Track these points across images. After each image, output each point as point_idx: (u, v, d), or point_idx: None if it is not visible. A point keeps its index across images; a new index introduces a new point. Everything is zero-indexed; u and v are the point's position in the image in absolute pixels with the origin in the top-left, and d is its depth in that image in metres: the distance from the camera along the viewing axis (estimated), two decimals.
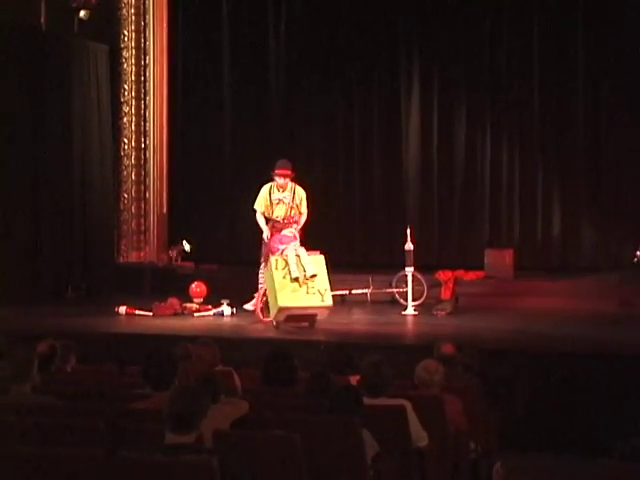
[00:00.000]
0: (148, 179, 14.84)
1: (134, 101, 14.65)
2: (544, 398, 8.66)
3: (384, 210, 14.91)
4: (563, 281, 13.00)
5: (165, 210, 15.06)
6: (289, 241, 10.72)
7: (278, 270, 10.42)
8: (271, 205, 10.98)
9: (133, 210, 14.74)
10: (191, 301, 12.03)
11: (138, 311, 11.69)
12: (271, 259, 10.56)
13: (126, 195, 14.69)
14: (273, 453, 5.09)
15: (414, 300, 11.76)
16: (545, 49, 14.16)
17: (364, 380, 6.12)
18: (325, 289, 10.45)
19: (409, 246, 11.77)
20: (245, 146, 15.26)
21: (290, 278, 10.38)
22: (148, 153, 14.81)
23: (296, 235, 10.86)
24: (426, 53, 14.64)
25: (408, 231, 11.81)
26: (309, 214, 11.15)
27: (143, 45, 14.67)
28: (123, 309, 11.72)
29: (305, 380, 6.35)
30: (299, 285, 10.39)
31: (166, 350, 6.21)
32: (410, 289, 11.73)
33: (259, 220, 11.02)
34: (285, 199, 10.97)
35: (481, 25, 14.40)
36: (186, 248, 14.28)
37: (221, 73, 15.34)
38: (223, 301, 11.66)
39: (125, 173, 14.67)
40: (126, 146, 14.63)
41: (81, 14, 13.37)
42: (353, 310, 11.82)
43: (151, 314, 11.61)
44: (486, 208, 14.55)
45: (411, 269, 11.74)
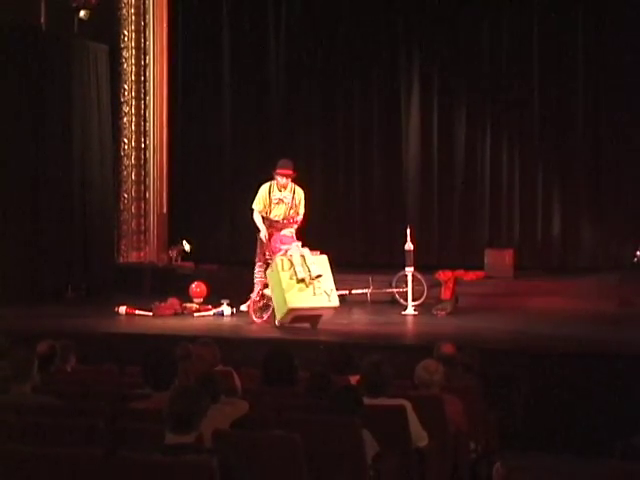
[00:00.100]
0: (148, 179, 14.84)
1: (134, 101, 14.66)
2: (544, 398, 8.66)
3: (384, 210, 14.92)
4: (563, 281, 13.01)
5: (165, 210, 15.06)
6: (290, 241, 10.67)
7: (285, 271, 10.27)
8: (270, 204, 10.89)
9: (133, 210, 14.75)
10: (191, 301, 12.03)
11: (138, 311, 11.69)
12: (276, 260, 10.42)
13: (126, 195, 14.69)
14: (273, 453, 5.09)
15: (414, 300, 11.76)
16: (545, 49, 14.17)
17: (364, 380, 6.11)
18: (331, 289, 10.38)
19: (409, 246, 11.77)
20: (245, 146, 15.27)
21: (296, 279, 10.26)
22: (148, 153, 14.81)
23: (293, 236, 10.83)
24: (426, 53, 14.65)
25: (408, 231, 11.81)
26: (307, 214, 11.13)
27: (143, 45, 14.68)
28: (123, 309, 11.72)
29: (305, 380, 6.34)
30: (305, 286, 10.26)
31: (166, 350, 6.20)
32: (410, 289, 11.73)
33: (256, 219, 10.92)
34: (285, 199, 10.90)
35: (481, 25, 14.41)
36: (186, 248, 14.28)
37: (221, 73, 15.35)
38: (223, 301, 11.66)
39: (125, 173, 14.67)
40: (126, 146, 14.64)
41: (81, 14, 13.38)
42: (353, 310, 11.81)
43: (151, 314, 11.61)
44: (486, 208, 14.56)
45: (411, 269, 11.74)
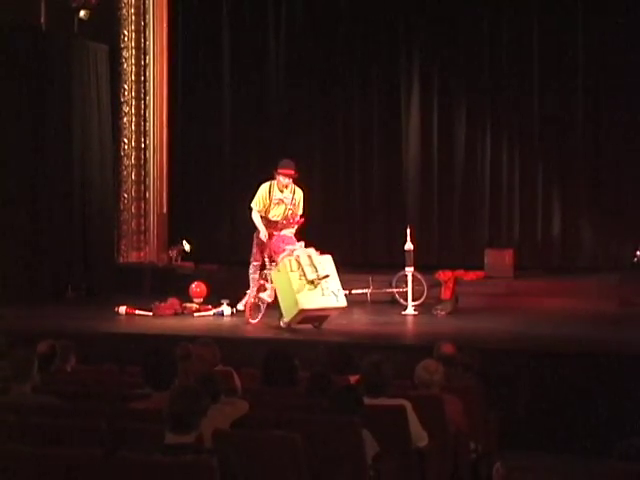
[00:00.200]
0: (148, 179, 14.84)
1: (134, 101, 14.66)
2: (544, 398, 8.66)
3: (384, 210, 14.91)
4: (563, 281, 13.00)
5: (165, 210, 15.06)
6: (292, 242, 10.62)
7: (293, 272, 10.17)
8: (270, 204, 10.82)
9: (133, 210, 14.75)
10: (191, 301, 12.03)
11: (138, 311, 11.69)
12: (284, 260, 10.31)
13: (126, 195, 14.69)
14: (273, 453, 5.10)
15: (414, 300, 11.76)
16: (545, 49, 14.16)
17: (364, 380, 6.11)
18: (338, 289, 10.32)
19: (409, 246, 11.77)
20: (245, 146, 15.27)
21: (306, 279, 10.15)
22: (148, 153, 14.82)
23: (293, 236, 10.80)
24: (426, 53, 14.64)
25: (408, 231, 11.81)
26: (307, 214, 11.11)
27: (143, 45, 14.69)
28: (123, 309, 11.73)
29: (305, 380, 6.34)
30: (314, 286, 10.19)
31: (166, 350, 6.20)
32: (410, 289, 11.73)
33: (255, 219, 10.82)
34: (286, 199, 10.83)
35: (481, 25, 14.40)
36: (186, 248, 14.28)
37: (221, 73, 15.35)
38: (223, 301, 11.66)
39: (125, 173, 14.68)
40: (126, 146, 14.64)
41: (81, 14, 13.38)
42: (353, 310, 11.81)
43: (151, 314, 11.61)
44: (486, 208, 14.55)
45: (411, 269, 11.74)
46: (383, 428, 5.63)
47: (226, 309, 11.59)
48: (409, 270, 11.74)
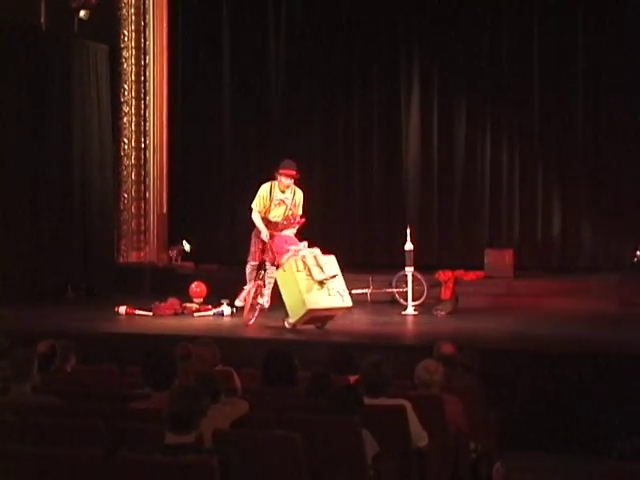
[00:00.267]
0: (148, 179, 14.85)
1: (134, 101, 14.66)
2: (544, 398, 8.66)
3: (384, 210, 14.91)
4: (563, 281, 12.99)
5: (165, 210, 15.06)
6: (295, 242, 10.54)
7: (300, 272, 10.11)
8: (270, 205, 10.73)
9: (133, 210, 14.75)
10: (191, 301, 12.04)
11: (138, 311, 11.70)
12: (289, 261, 10.24)
13: (126, 195, 14.70)
14: (273, 453, 5.09)
15: (414, 300, 11.76)
16: (545, 49, 14.16)
17: (364, 380, 6.11)
18: (343, 289, 10.30)
19: (409, 246, 11.77)
20: (245, 146, 15.27)
21: (313, 280, 10.09)
22: (148, 153, 14.82)
23: (294, 237, 10.76)
24: (426, 53, 14.64)
25: (408, 231, 11.81)
26: (307, 215, 11.06)
27: (143, 45, 14.69)
28: (123, 309, 11.73)
29: (305, 380, 6.34)
30: (321, 286, 10.14)
31: (166, 350, 6.20)
32: (410, 289, 11.73)
33: (256, 219, 10.72)
34: (287, 200, 10.75)
35: (481, 25, 14.40)
36: (186, 248, 14.29)
37: (221, 73, 15.35)
38: (223, 301, 11.66)
39: (125, 173, 14.68)
40: (126, 146, 14.64)
41: (81, 14, 13.39)
42: (353, 310, 11.80)
43: (151, 314, 11.62)
44: (486, 208, 14.55)
45: (411, 269, 11.75)
46: (383, 428, 5.63)
47: (226, 309, 11.59)
48: (409, 270, 11.74)
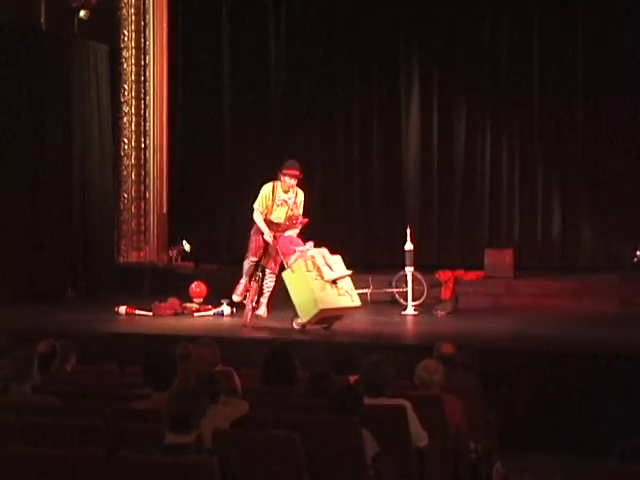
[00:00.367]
0: (148, 179, 14.85)
1: (134, 101, 14.67)
2: (544, 398, 8.65)
3: (384, 210, 14.91)
4: (563, 281, 12.99)
5: (165, 210, 15.06)
6: (299, 243, 10.45)
7: (310, 272, 10.07)
8: (273, 205, 10.61)
9: (133, 210, 14.75)
10: (191, 301, 12.03)
11: (138, 311, 11.70)
12: (299, 261, 10.16)
13: (126, 195, 14.70)
14: (273, 453, 5.09)
15: (414, 300, 11.76)
16: (545, 49, 14.16)
17: (364, 380, 6.11)
18: (351, 289, 10.27)
19: (409, 246, 11.77)
20: (245, 146, 15.26)
21: (323, 279, 10.05)
22: (148, 153, 14.82)
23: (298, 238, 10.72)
24: (426, 53, 14.64)
25: (408, 231, 11.81)
26: (307, 215, 11.04)
27: (143, 45, 14.69)
28: (123, 309, 11.73)
29: (305, 380, 6.34)
30: (332, 286, 10.10)
31: (166, 350, 6.20)
32: (410, 289, 11.73)
33: (258, 220, 10.60)
34: (289, 200, 10.62)
35: (481, 25, 14.40)
36: (186, 248, 14.29)
37: (221, 73, 15.34)
38: (223, 301, 11.65)
39: (125, 173, 14.68)
40: (126, 146, 14.65)
41: (81, 14, 13.39)
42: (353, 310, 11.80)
43: (151, 314, 11.62)
44: (486, 208, 14.55)
45: (411, 269, 11.75)
46: (383, 428, 5.63)
47: (226, 309, 11.60)
48: (409, 270, 11.74)
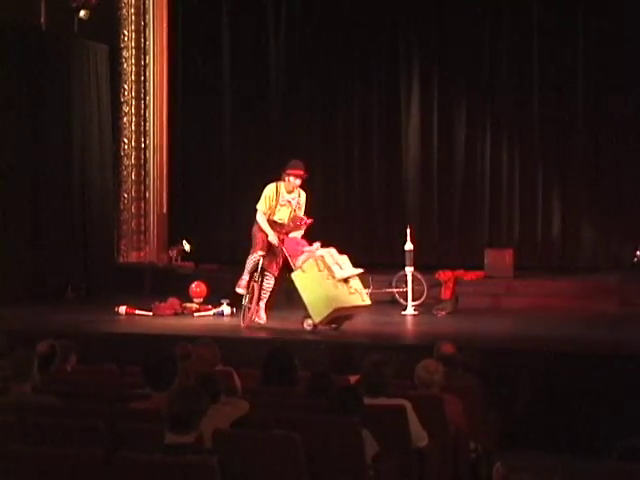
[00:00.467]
0: (148, 179, 14.85)
1: (134, 101, 14.67)
2: (544, 398, 8.65)
3: (384, 210, 14.91)
4: (563, 281, 12.98)
5: (165, 210, 15.07)
6: (306, 244, 10.40)
7: (322, 271, 10.05)
8: (276, 206, 10.48)
9: (133, 210, 14.76)
10: (191, 301, 12.03)
11: (138, 311, 11.70)
12: (310, 261, 10.11)
13: (126, 195, 14.70)
14: (273, 453, 5.09)
15: (414, 300, 11.76)
16: (545, 49, 14.15)
17: (364, 380, 6.11)
18: (361, 288, 10.28)
19: (409, 246, 11.77)
20: (245, 146, 15.26)
21: (334, 279, 10.03)
22: (148, 153, 14.82)
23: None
24: (426, 53, 14.64)
25: (408, 231, 11.82)
26: (306, 215, 11.02)
27: (143, 45, 14.70)
28: (123, 309, 11.73)
29: (305, 380, 6.34)
30: (343, 285, 10.09)
31: (166, 350, 6.21)
32: (410, 289, 11.73)
33: (262, 221, 10.44)
34: (293, 201, 10.52)
35: (481, 25, 14.40)
36: (186, 248, 14.29)
37: (221, 73, 15.34)
38: (223, 301, 11.66)
39: (125, 173, 14.68)
40: (126, 146, 14.65)
41: (81, 14, 13.39)
42: None
43: (151, 314, 11.62)
44: (486, 208, 14.55)
45: (411, 269, 11.75)
46: (383, 428, 5.63)
47: (226, 309, 11.60)
48: (409, 270, 11.74)
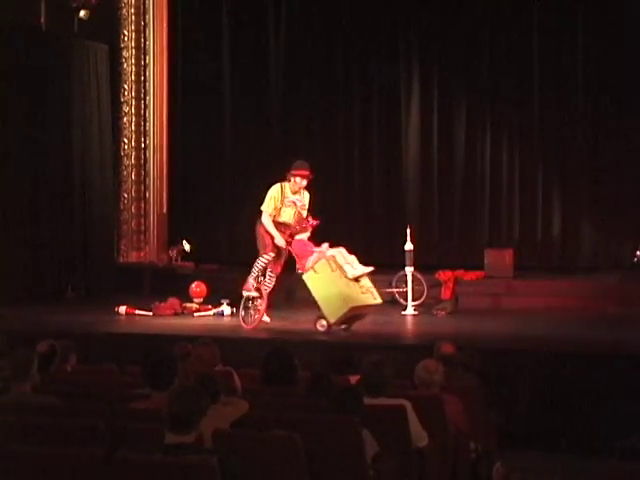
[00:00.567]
0: (148, 179, 14.85)
1: (134, 101, 14.67)
2: (544, 398, 8.66)
3: (384, 210, 14.91)
4: (563, 281, 12.98)
5: (165, 210, 15.07)
6: (313, 245, 10.37)
7: (334, 271, 10.05)
8: (282, 207, 10.37)
9: (133, 210, 14.76)
10: (191, 301, 12.04)
11: (138, 311, 11.70)
12: (322, 261, 10.08)
13: (126, 195, 14.70)
14: (273, 453, 5.09)
15: (414, 300, 11.77)
16: (545, 49, 14.15)
17: (364, 380, 6.11)
18: (371, 286, 10.24)
19: (409, 246, 11.78)
20: (245, 146, 15.26)
21: (347, 278, 10.02)
22: (148, 153, 14.82)
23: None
24: (426, 53, 14.64)
25: (408, 231, 11.82)
26: (312, 216, 10.98)
27: (143, 45, 14.70)
28: (123, 309, 11.73)
29: (305, 380, 6.34)
30: (355, 284, 10.09)
31: (166, 350, 6.21)
32: (410, 289, 11.74)
33: (268, 224, 10.29)
34: (298, 202, 10.44)
35: (481, 25, 14.39)
36: (186, 248, 14.29)
37: (221, 73, 15.34)
38: (223, 301, 11.66)
39: (125, 173, 14.68)
40: (126, 146, 14.65)
41: (81, 14, 13.39)
42: None
43: (151, 314, 11.62)
44: (486, 208, 14.55)
45: (411, 269, 11.75)
46: (383, 428, 5.63)
47: (226, 309, 11.60)
48: (409, 270, 11.75)
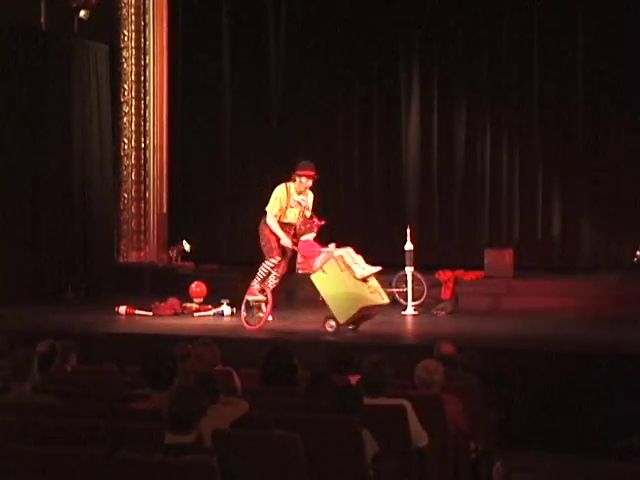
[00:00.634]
0: (148, 179, 14.86)
1: (134, 101, 14.68)
2: (544, 398, 8.66)
3: (384, 210, 14.91)
4: (563, 281, 12.99)
5: (165, 210, 15.07)
6: (319, 246, 10.35)
7: (344, 271, 10.03)
8: (287, 208, 10.32)
9: (133, 210, 14.76)
10: (191, 301, 12.04)
11: (138, 311, 11.70)
12: (331, 262, 10.05)
13: (126, 195, 14.70)
14: (273, 453, 5.09)
15: (414, 300, 11.77)
16: (545, 49, 14.16)
17: (364, 380, 6.11)
18: (379, 286, 10.23)
19: (409, 246, 11.78)
20: (245, 146, 15.26)
21: (355, 278, 10.00)
22: (148, 153, 14.83)
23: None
24: (426, 53, 14.64)
25: (408, 231, 11.82)
26: (318, 216, 10.95)
27: (143, 45, 14.70)
28: (123, 309, 11.73)
29: (305, 380, 6.34)
30: (363, 284, 10.07)
31: (166, 350, 6.20)
32: (410, 289, 11.74)
33: (274, 225, 10.23)
34: (303, 202, 10.40)
35: (481, 25, 14.40)
36: (186, 248, 14.29)
37: (221, 73, 15.34)
38: (223, 301, 11.66)
39: (125, 173, 14.69)
40: (126, 146, 14.65)
41: (81, 14, 13.39)
42: None
43: (151, 314, 11.62)
44: (486, 208, 14.55)
45: (411, 269, 11.75)
46: (383, 428, 5.63)
47: (226, 309, 11.60)
48: (409, 270, 11.75)
